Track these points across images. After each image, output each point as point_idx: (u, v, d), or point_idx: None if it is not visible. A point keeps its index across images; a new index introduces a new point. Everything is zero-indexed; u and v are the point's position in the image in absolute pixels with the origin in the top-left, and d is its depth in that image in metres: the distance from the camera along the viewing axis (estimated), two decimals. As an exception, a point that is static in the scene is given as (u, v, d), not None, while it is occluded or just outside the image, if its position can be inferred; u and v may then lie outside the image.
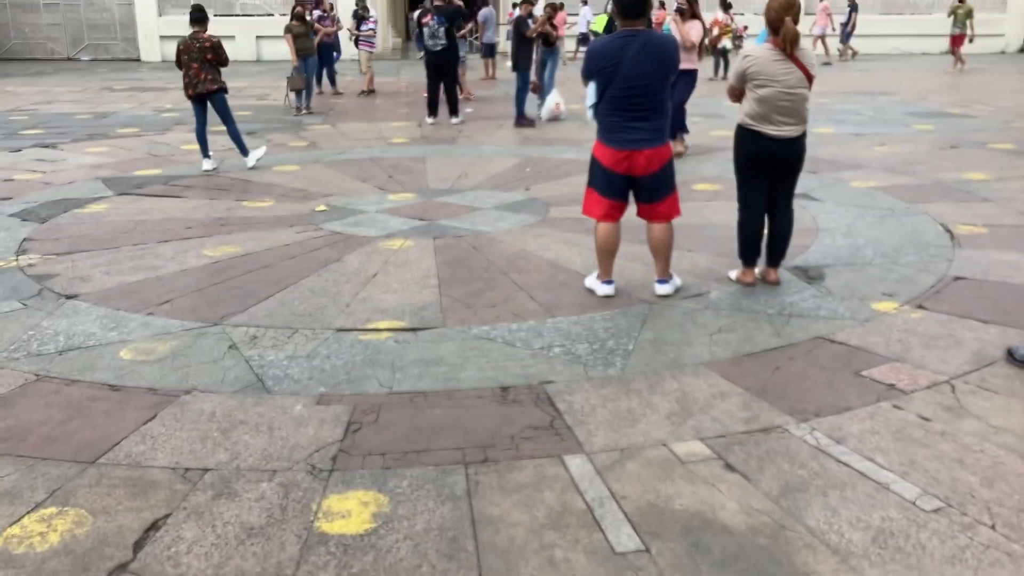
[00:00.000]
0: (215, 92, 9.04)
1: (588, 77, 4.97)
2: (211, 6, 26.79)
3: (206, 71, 8.93)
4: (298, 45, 14.14)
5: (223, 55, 9.01)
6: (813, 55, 5.14)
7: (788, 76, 4.97)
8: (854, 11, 23.64)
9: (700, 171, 8.93)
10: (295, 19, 14.36)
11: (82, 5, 25.91)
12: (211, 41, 8.92)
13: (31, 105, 15.22)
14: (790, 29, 4.92)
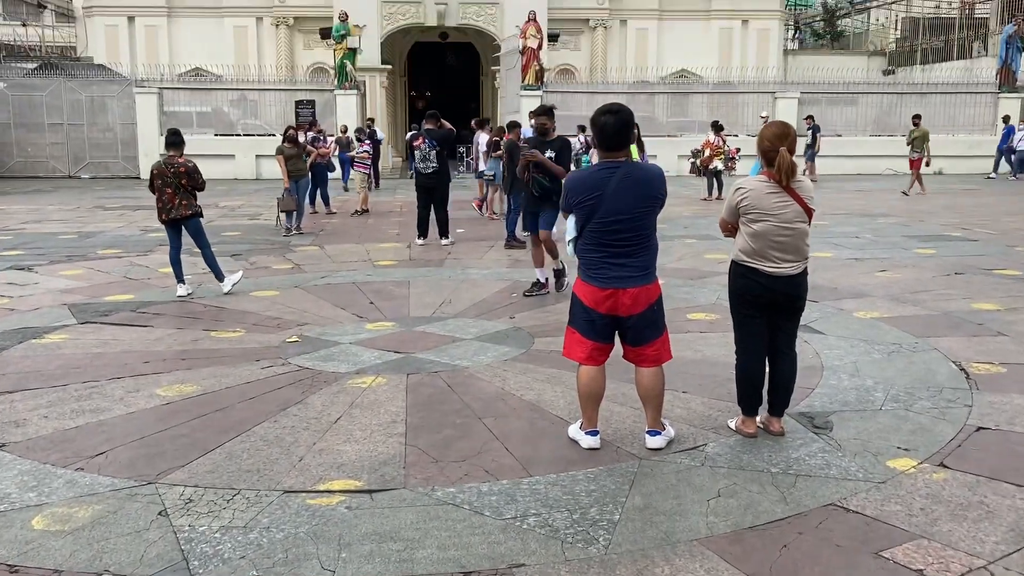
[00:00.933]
0: (189, 217, 8.76)
1: (568, 210, 4.61)
2: (212, 126, 27.30)
3: (180, 196, 8.69)
4: (290, 167, 14.06)
5: (199, 180, 8.78)
6: (811, 187, 4.79)
7: (785, 210, 4.61)
8: (816, 131, 23.81)
9: (695, 298, 8.53)
10: (287, 141, 14.35)
11: (85, 125, 26.26)
12: (186, 166, 8.69)
13: (19, 224, 15.03)
14: (785, 160, 4.59)
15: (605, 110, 4.47)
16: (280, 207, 13.92)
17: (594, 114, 4.51)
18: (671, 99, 29.89)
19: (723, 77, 31.50)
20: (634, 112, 4.92)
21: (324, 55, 31.77)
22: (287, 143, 14.30)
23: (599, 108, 4.51)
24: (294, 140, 14.42)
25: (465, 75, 37.58)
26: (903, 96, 29.39)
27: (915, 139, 20.60)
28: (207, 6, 33.79)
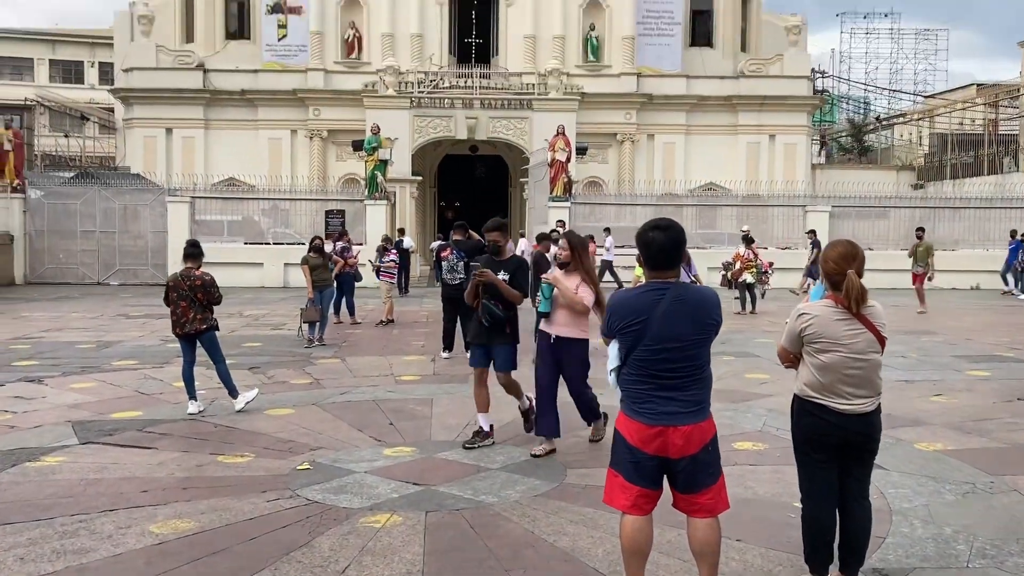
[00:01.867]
0: (204, 331, 8.42)
1: (609, 336, 4.12)
2: (242, 234, 27.44)
3: (195, 310, 8.36)
4: (315, 276, 13.82)
5: (215, 294, 8.46)
6: (883, 313, 4.28)
7: (855, 339, 4.10)
8: (816, 247, 23.30)
9: (739, 424, 7.92)
10: (313, 250, 14.15)
11: (117, 233, 26.47)
12: (203, 279, 8.38)
13: (39, 332, 14.79)
14: (854, 283, 4.10)
15: (653, 225, 4.04)
16: (303, 318, 13.60)
17: (641, 229, 4.08)
18: (699, 211, 29.76)
19: (751, 190, 31.45)
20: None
21: (356, 166, 32.23)
22: (312, 253, 14.11)
23: (646, 223, 4.08)
24: (320, 250, 14.24)
25: (494, 186, 37.92)
26: (936, 210, 29.05)
27: (919, 253, 19.85)
28: (244, 119, 34.66)
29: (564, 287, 6.61)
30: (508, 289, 6.98)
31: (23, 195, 25.76)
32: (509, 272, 7.08)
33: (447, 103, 31.71)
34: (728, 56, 36.74)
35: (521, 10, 34.90)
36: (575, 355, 6.86)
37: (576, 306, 6.57)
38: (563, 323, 6.73)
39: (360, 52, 34.95)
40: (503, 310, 6.97)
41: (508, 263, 7.20)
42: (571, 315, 6.66)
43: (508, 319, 7.03)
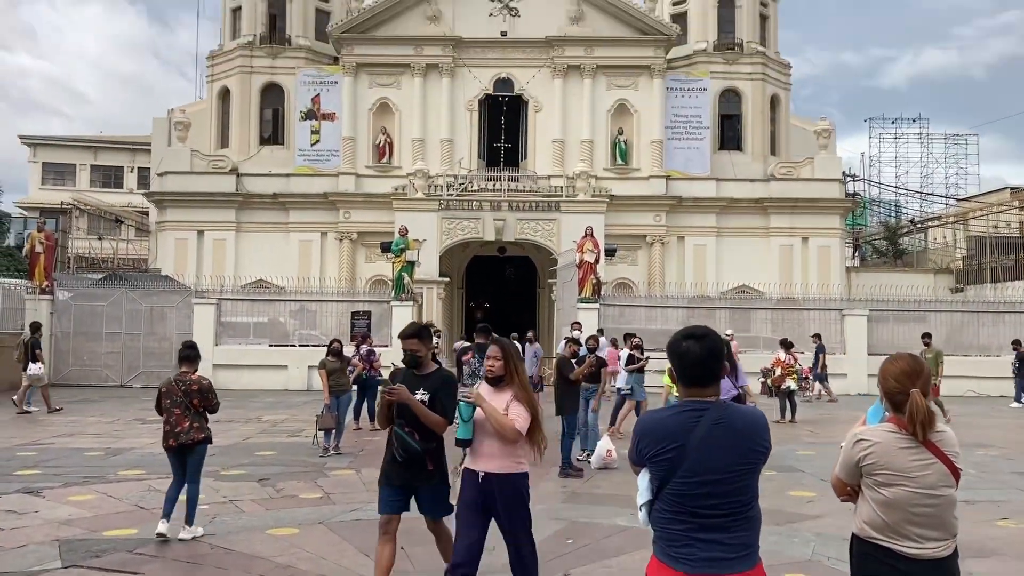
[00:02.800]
0: (199, 443, 7.77)
1: (639, 464, 3.54)
2: (268, 336, 27.20)
3: (191, 418, 7.70)
4: (332, 381, 13.36)
5: (213, 400, 7.86)
6: (955, 440, 3.67)
7: (925, 471, 3.48)
8: (821, 352, 22.64)
9: (785, 550, 7.16)
10: (331, 354, 13.73)
11: (142, 335, 26.35)
12: (199, 384, 7.78)
13: (50, 438, 14.36)
14: (919, 405, 3.51)
15: (688, 334, 3.50)
16: (319, 425, 13.05)
17: (673, 339, 3.54)
18: (732, 314, 29.09)
19: (785, 293, 30.83)
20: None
21: (384, 267, 32.21)
22: (331, 356, 13.68)
23: (679, 332, 3.55)
24: (338, 353, 13.81)
25: (523, 287, 37.72)
26: (978, 314, 28.15)
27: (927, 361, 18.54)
28: (275, 221, 35.01)
29: (489, 408, 5.04)
30: (426, 412, 5.39)
31: (51, 296, 25.82)
32: (430, 390, 5.46)
33: (475, 205, 31.83)
34: (758, 159, 36.76)
35: (549, 116, 35.35)
36: (513, 498, 5.23)
37: (505, 431, 5.02)
38: (493, 454, 5.15)
39: (391, 156, 35.44)
40: (421, 440, 5.46)
41: (430, 379, 5.57)
42: (503, 444, 5.10)
43: (428, 452, 5.51)
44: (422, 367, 5.64)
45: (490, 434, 5.11)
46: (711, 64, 36.87)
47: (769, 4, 38.67)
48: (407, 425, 5.46)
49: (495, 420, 5.02)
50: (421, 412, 5.39)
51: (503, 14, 35.69)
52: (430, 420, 5.40)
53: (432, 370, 5.69)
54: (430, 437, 5.50)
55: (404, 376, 5.63)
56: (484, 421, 5.10)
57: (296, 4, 36.95)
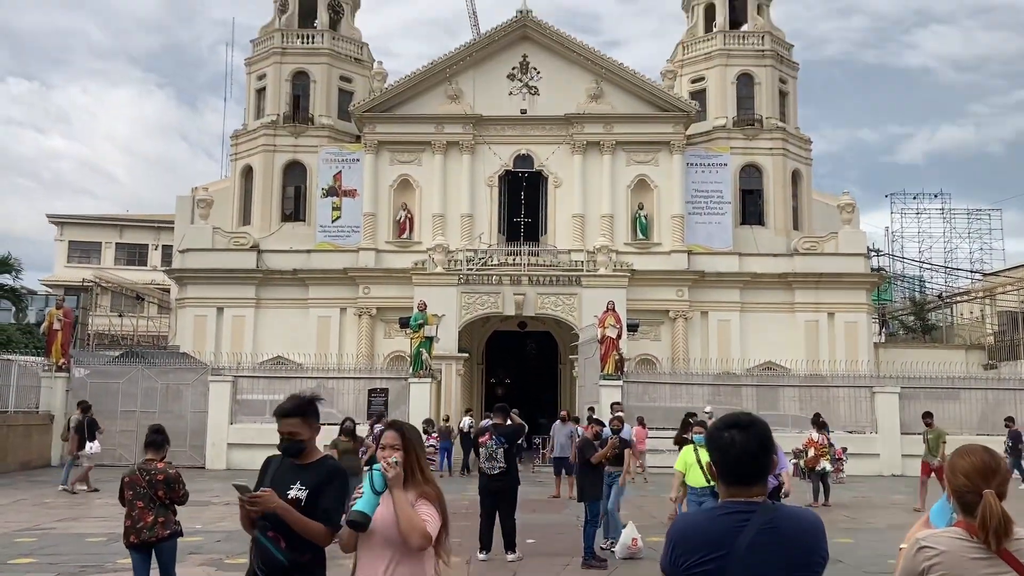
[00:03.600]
0: (165, 539, 7.02)
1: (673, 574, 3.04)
2: (283, 414, 26.72)
3: (155, 512, 6.94)
4: (343, 463, 12.82)
5: (180, 491, 7.11)
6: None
7: (1002, 588, 2.95)
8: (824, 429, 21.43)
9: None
10: (343, 434, 13.26)
11: (158, 412, 25.94)
12: (165, 474, 7.04)
13: (53, 522, 13.88)
14: (994, 509, 2.99)
15: (731, 422, 3.02)
16: None
17: (713, 429, 3.07)
18: (759, 392, 28.39)
19: (812, 369, 30.10)
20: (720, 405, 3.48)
21: (403, 343, 31.85)
22: (343, 436, 13.21)
23: (721, 420, 3.08)
24: (351, 433, 13.34)
25: (544, 363, 37.16)
26: (1015, 392, 27.23)
27: (929, 441, 16.97)
28: (294, 297, 34.91)
29: (401, 498, 3.82)
30: (300, 520, 4.17)
31: (67, 374, 25.61)
32: (310, 485, 4.29)
33: (495, 279, 31.57)
34: (780, 234, 36.41)
35: (569, 191, 35.35)
36: None
37: (413, 532, 3.76)
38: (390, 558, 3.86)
39: (411, 232, 35.45)
40: (289, 549, 4.22)
41: (311, 471, 4.36)
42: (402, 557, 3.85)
43: (298, 567, 4.22)
44: (305, 454, 4.41)
45: (382, 543, 3.85)
46: (731, 140, 36.87)
47: (788, 81, 38.84)
48: (272, 529, 4.22)
49: (404, 515, 3.77)
50: (293, 520, 4.16)
51: (523, 92, 36.04)
52: (306, 529, 4.18)
53: (316, 459, 4.45)
54: (302, 547, 4.23)
55: (277, 468, 4.44)
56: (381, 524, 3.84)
57: (319, 84, 37.56)
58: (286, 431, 4.39)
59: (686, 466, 9.98)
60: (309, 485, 4.28)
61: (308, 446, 4.42)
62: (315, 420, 4.47)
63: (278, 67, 37.58)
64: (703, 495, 9.53)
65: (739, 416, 3.07)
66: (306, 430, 4.40)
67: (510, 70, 36.15)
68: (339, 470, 4.46)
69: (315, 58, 37.62)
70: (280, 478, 4.34)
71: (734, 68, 37.59)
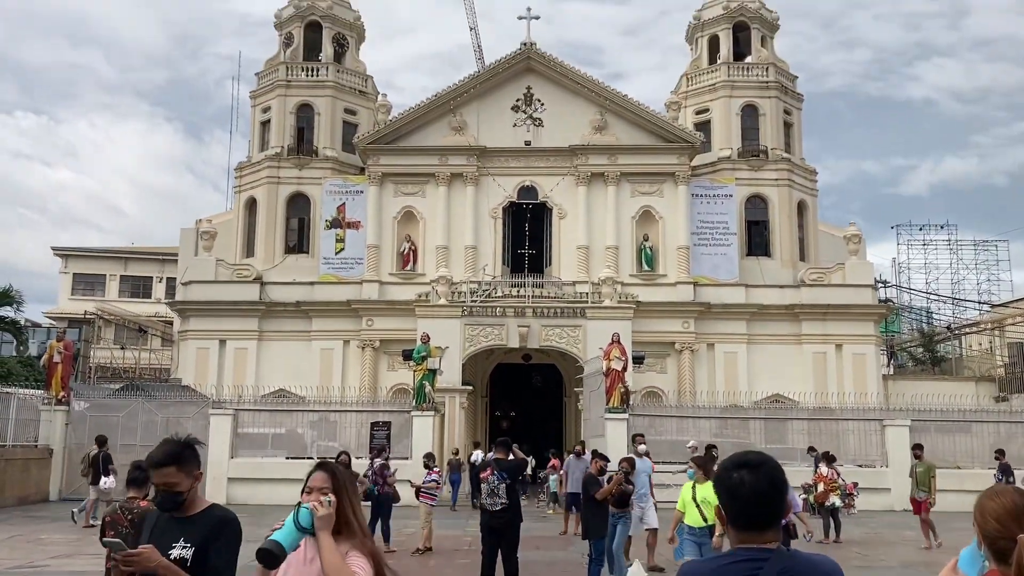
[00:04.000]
0: None
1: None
2: (285, 448, 26.40)
3: None
4: None
5: None
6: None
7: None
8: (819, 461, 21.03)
9: None
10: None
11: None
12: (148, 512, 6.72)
13: (46, 559, 13.56)
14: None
15: (740, 462, 2.77)
16: None
17: (721, 469, 2.82)
18: (767, 425, 27.95)
19: (820, 402, 29.70)
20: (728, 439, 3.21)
21: (406, 376, 31.55)
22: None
23: (729, 459, 2.83)
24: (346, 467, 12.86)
25: (548, 396, 36.78)
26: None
27: (918, 475, 16.57)
28: (297, 330, 34.69)
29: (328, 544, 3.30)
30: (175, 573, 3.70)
31: (67, 407, 25.33)
32: (195, 541, 3.80)
33: (499, 311, 31.31)
34: (787, 265, 36.17)
35: (574, 222, 35.21)
36: None
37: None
38: None
39: (415, 264, 35.30)
40: None
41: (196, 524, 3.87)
42: None
43: None
44: (186, 506, 3.88)
45: None
46: (736, 170, 36.78)
47: (792, 112, 38.82)
48: None
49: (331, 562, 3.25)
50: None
51: (527, 124, 36.06)
52: None
53: (201, 509, 3.92)
54: None
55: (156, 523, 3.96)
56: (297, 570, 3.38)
57: (324, 117, 37.64)
58: (161, 483, 3.90)
59: (684, 504, 9.63)
60: (195, 541, 3.80)
61: (189, 496, 3.90)
62: (194, 466, 3.93)
63: (283, 100, 37.71)
64: (701, 536, 9.18)
65: (748, 455, 2.81)
66: (184, 479, 3.88)
67: (514, 102, 36.22)
68: (229, 520, 3.90)
69: (319, 91, 37.76)
70: (161, 534, 3.85)
71: (738, 99, 37.59)
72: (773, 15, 39.70)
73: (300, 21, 38.91)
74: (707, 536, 8.84)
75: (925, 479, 16.41)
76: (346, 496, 3.49)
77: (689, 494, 9.53)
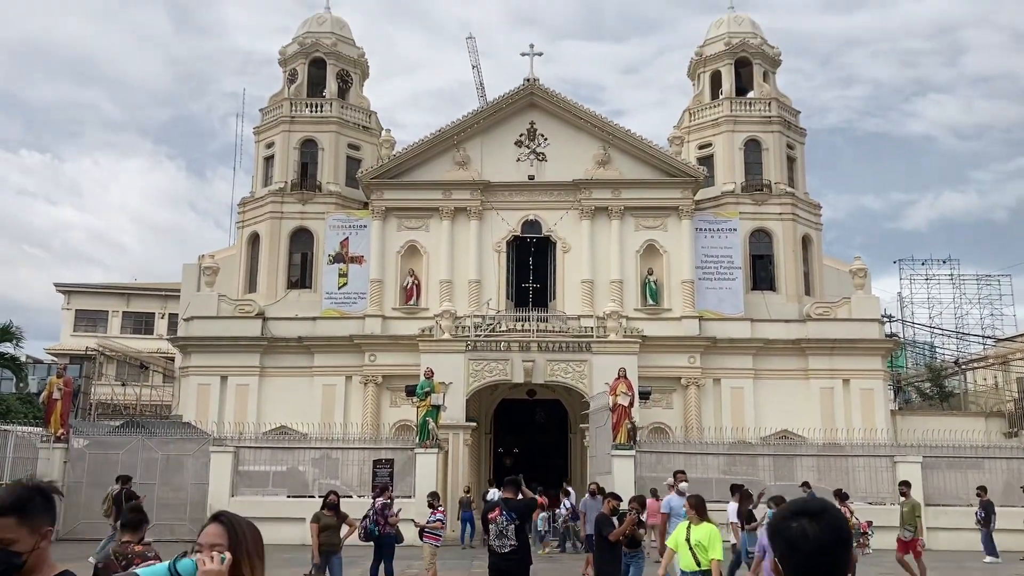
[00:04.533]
0: None
1: None
2: (286, 486, 25.97)
3: None
4: (323, 539, 11.84)
5: None
6: None
7: None
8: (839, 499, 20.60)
9: None
10: (326, 507, 12.29)
11: (157, 484, 25.23)
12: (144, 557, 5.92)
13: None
14: None
15: (799, 509, 2.51)
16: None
17: (777, 518, 2.56)
18: (775, 461, 27.48)
19: (829, 438, 29.27)
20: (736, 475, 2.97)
21: (409, 412, 31.18)
22: (326, 510, 12.27)
23: (786, 507, 2.57)
24: (334, 508, 12.38)
25: (554, 432, 36.33)
26: (1042, 461, 26.30)
27: (904, 514, 16.51)
28: (299, 366, 34.38)
29: None
30: None
31: (66, 445, 24.97)
32: None
33: (503, 346, 31.00)
34: (792, 299, 35.91)
35: (578, 256, 35.04)
36: None
37: None
38: None
39: (418, 298, 35.07)
40: None
41: None
42: None
43: None
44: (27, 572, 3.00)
45: None
46: (740, 205, 36.66)
47: (795, 146, 38.81)
48: None
49: None
50: None
51: (530, 159, 36.03)
52: None
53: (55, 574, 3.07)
54: None
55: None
56: None
57: (327, 152, 37.66)
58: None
59: (676, 545, 9.26)
60: None
61: (32, 560, 2.97)
62: (44, 521, 3.03)
63: (287, 135, 37.76)
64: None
65: (808, 502, 2.56)
66: (26, 535, 2.95)
67: (518, 137, 36.23)
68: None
69: (323, 126, 37.82)
70: None
71: (741, 134, 37.61)
72: (775, 50, 39.85)
73: (304, 58, 39.08)
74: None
75: (911, 518, 16.18)
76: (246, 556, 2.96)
77: (683, 535, 9.17)
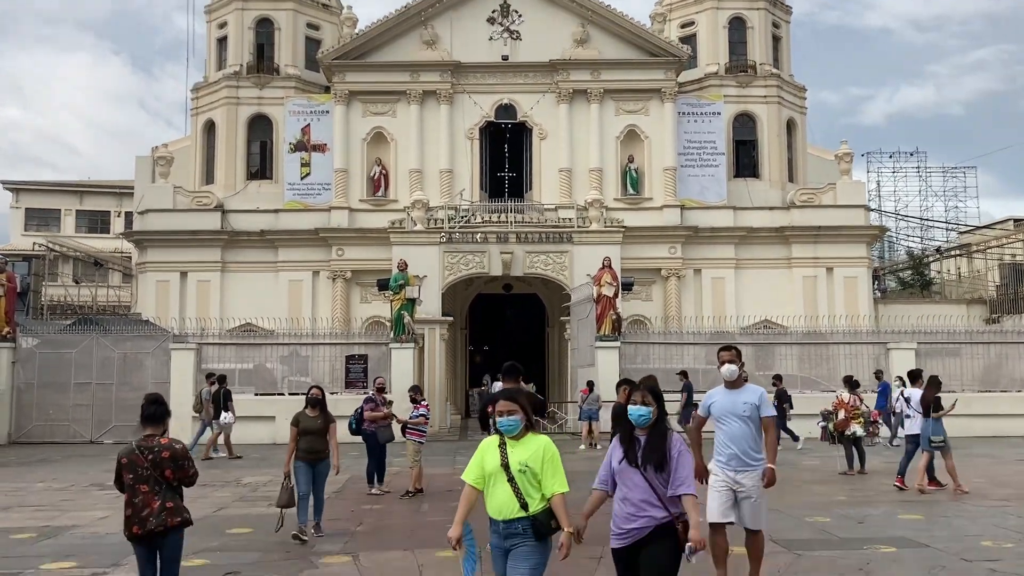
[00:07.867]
0: (173, 529, 5.72)
1: None
2: (252, 384, 24.69)
3: (162, 496, 5.69)
4: (302, 444, 9.76)
5: (190, 470, 5.86)
6: None
7: None
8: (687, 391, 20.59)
9: None
10: (309, 404, 10.03)
11: (115, 385, 23.82)
12: (172, 449, 5.79)
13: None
14: None
15: None
16: (278, 502, 9.56)
17: None
18: (756, 350, 26.61)
19: (811, 326, 28.51)
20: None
21: (381, 308, 29.86)
22: (308, 408, 10.02)
23: None
24: (318, 404, 10.04)
25: (530, 328, 35.21)
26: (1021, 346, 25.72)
27: None
28: (263, 260, 32.71)
29: None
30: None
31: (13, 344, 23.34)
32: None
33: (480, 238, 29.49)
34: (775, 186, 34.65)
35: (555, 143, 33.25)
36: None
37: None
38: None
39: (386, 189, 33.28)
40: None
41: None
42: None
43: None
44: None
45: None
46: (724, 87, 34.89)
47: (781, 25, 36.85)
48: None
49: None
50: None
51: (504, 37, 33.73)
52: None
53: None
54: None
55: None
56: None
57: (285, 32, 35.03)
58: None
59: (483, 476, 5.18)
60: None
61: None
62: None
63: (240, 14, 35.01)
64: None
65: None
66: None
67: (490, 13, 33.78)
68: None
69: (280, 3, 35.07)
70: None
71: (726, 11, 35.58)
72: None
73: (256, -72, 35.90)
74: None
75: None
76: None
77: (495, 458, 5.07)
